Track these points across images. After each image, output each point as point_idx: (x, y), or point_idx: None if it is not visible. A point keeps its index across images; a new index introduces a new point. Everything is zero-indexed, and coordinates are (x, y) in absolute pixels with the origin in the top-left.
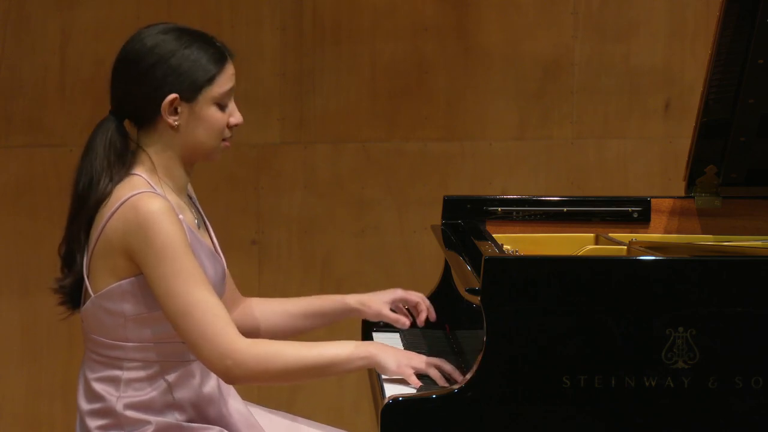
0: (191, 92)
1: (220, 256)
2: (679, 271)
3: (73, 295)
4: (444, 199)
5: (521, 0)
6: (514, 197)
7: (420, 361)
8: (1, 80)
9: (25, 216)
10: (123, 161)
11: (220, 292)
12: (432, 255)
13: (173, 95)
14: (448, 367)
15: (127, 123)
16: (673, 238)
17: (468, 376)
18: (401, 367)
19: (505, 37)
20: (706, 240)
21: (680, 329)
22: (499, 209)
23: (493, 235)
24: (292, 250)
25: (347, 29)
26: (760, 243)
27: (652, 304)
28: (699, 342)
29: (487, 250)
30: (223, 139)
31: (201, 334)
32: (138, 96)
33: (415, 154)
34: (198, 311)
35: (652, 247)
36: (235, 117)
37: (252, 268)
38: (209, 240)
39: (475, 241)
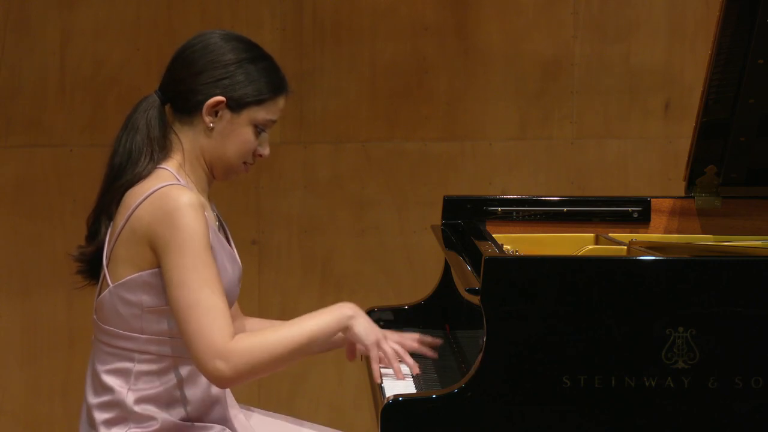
0: (237, 104)
1: (236, 255)
2: (679, 271)
3: (92, 264)
4: (444, 199)
5: (521, 0)
6: (514, 197)
7: (387, 344)
8: (1, 80)
9: (25, 216)
10: (163, 143)
11: (235, 293)
12: (432, 255)
13: (220, 98)
14: (409, 360)
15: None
16: (673, 238)
17: (468, 376)
18: (372, 345)
19: (505, 37)
20: (706, 240)
21: (680, 329)
22: (499, 209)
23: (493, 235)
24: (292, 250)
25: (347, 29)
26: (760, 243)
27: (652, 304)
28: (699, 342)
29: (487, 250)
30: (244, 162)
31: (198, 331)
32: (189, 85)
33: (415, 154)
34: (202, 307)
35: (652, 247)
36: (264, 149)
37: (252, 268)
38: (226, 241)
39: (475, 241)
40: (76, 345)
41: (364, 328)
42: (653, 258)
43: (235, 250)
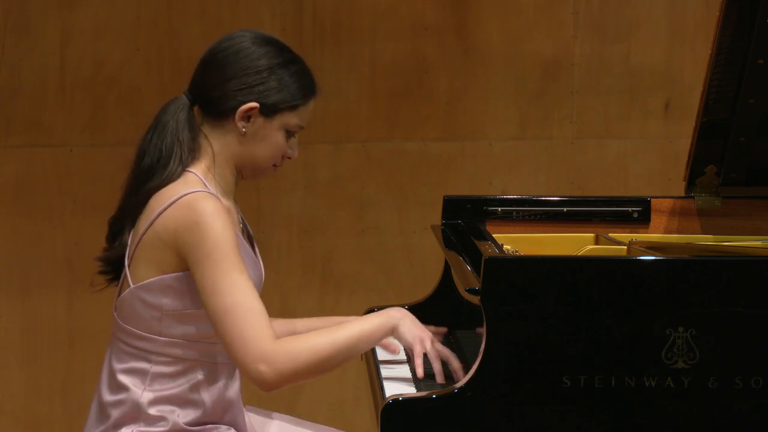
0: (271, 110)
1: (259, 261)
2: (679, 271)
3: (115, 266)
4: (444, 199)
5: (521, 0)
6: (514, 197)
7: (431, 344)
8: (1, 80)
9: (25, 216)
10: (191, 145)
11: None
12: (432, 255)
13: (253, 104)
14: (455, 364)
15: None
16: (673, 238)
17: (468, 376)
18: (416, 339)
19: (505, 37)
20: (706, 240)
21: (680, 329)
22: (499, 209)
23: (493, 235)
24: (292, 250)
25: (347, 29)
26: (760, 243)
27: (652, 304)
28: (699, 342)
29: (487, 250)
30: (273, 164)
31: (239, 335)
32: (221, 91)
33: (415, 154)
34: (240, 311)
35: (652, 247)
36: (294, 151)
37: None
38: (250, 245)
39: (475, 241)
40: (76, 345)
41: (409, 327)
42: (653, 258)
43: (258, 255)
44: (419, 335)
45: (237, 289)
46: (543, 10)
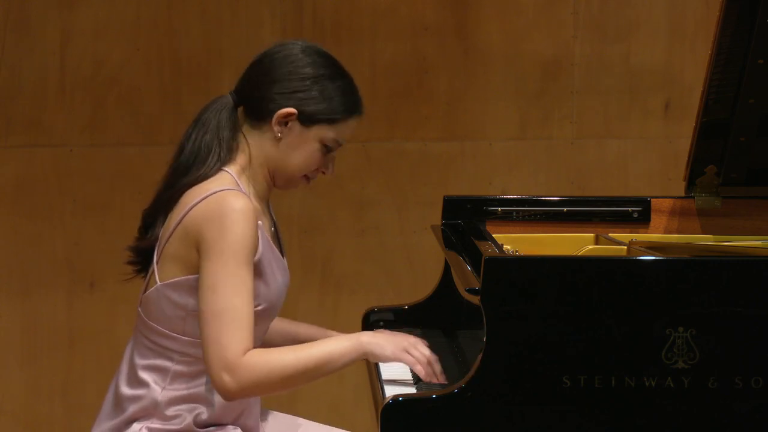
0: (308, 119)
1: (286, 267)
2: (679, 271)
3: (144, 257)
4: (444, 199)
5: (521, 0)
6: (514, 197)
7: (416, 348)
8: (1, 80)
9: (25, 216)
10: (231, 144)
11: (281, 302)
12: (432, 255)
13: (291, 110)
14: (437, 368)
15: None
16: (673, 238)
17: (468, 376)
18: (397, 352)
19: (505, 37)
20: (706, 240)
21: (680, 329)
22: (499, 209)
23: (493, 235)
24: (292, 250)
25: (347, 29)
26: (760, 243)
27: (652, 304)
28: (699, 342)
29: (487, 250)
30: (305, 175)
31: (216, 339)
32: (263, 92)
33: (415, 154)
34: (227, 316)
35: (652, 247)
36: (329, 169)
37: None
38: (279, 250)
39: (475, 241)
40: (76, 345)
41: (385, 346)
42: (653, 258)
43: (285, 259)
44: (401, 346)
45: (235, 294)
46: (543, 10)
